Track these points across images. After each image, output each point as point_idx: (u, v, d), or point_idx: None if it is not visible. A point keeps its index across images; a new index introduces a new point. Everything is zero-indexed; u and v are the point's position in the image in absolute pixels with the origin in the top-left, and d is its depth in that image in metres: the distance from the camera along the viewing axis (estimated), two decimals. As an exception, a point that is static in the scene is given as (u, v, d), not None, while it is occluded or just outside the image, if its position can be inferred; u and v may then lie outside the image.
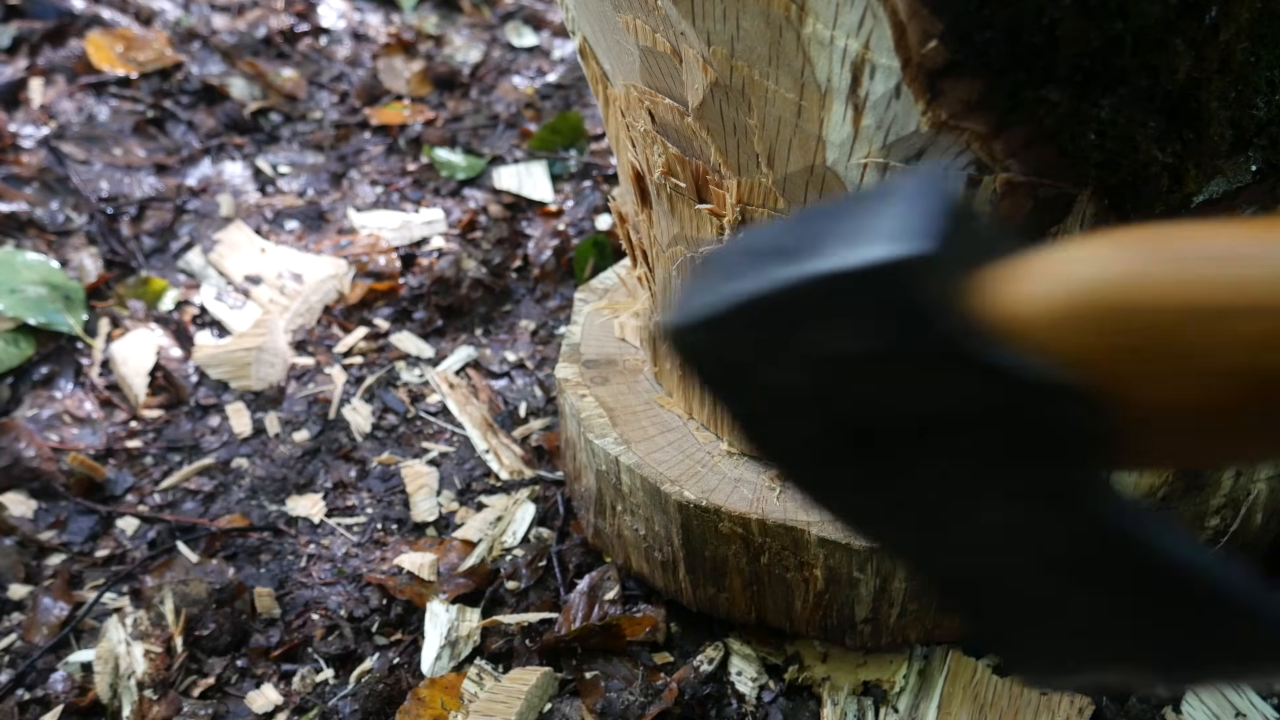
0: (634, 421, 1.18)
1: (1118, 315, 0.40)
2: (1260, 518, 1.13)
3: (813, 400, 0.47)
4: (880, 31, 0.73)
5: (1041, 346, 0.41)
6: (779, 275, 0.45)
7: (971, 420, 0.44)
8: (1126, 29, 0.72)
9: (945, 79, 0.74)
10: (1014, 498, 0.47)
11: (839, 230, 0.44)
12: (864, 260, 0.42)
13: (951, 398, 0.43)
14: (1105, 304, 0.40)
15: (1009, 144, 0.78)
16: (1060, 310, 0.41)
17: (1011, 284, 0.42)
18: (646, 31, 0.89)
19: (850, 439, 0.48)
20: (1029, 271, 0.42)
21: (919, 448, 0.47)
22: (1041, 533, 0.47)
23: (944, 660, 1.17)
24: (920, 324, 0.42)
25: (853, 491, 0.51)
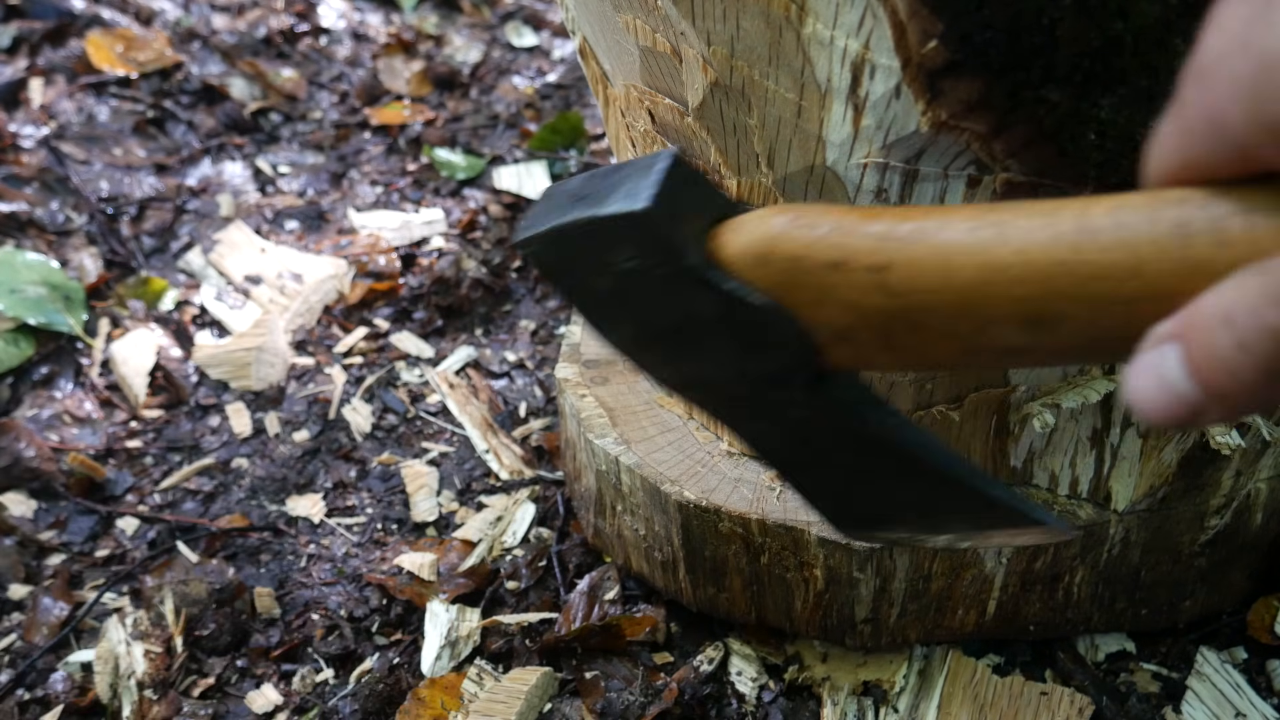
0: (634, 421, 1.18)
1: (777, 264, 0.60)
2: (1260, 518, 1.13)
3: (617, 299, 0.68)
4: (880, 31, 0.73)
5: (741, 276, 0.62)
6: (572, 214, 0.65)
7: (711, 320, 0.64)
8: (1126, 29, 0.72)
9: (945, 79, 0.74)
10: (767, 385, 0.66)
11: (614, 186, 0.64)
12: (617, 210, 0.63)
13: (694, 304, 0.64)
14: (769, 256, 0.60)
15: (1009, 144, 0.78)
16: (749, 253, 0.61)
17: (726, 233, 0.63)
18: (646, 31, 0.89)
19: (646, 330, 0.68)
20: (737, 224, 0.63)
21: (692, 336, 0.66)
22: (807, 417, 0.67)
23: (944, 660, 1.17)
24: (662, 253, 0.62)
25: (661, 365, 0.72)
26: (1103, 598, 1.13)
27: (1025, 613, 1.13)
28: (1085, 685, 1.14)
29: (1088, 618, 1.15)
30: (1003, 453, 1.06)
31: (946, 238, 0.54)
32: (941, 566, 1.07)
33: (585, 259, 0.66)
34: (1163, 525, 1.09)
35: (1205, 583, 1.16)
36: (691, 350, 0.68)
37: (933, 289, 0.54)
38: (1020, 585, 1.10)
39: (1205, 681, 1.15)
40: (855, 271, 0.57)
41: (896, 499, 0.72)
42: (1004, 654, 1.19)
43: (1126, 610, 1.16)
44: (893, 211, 0.58)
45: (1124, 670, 1.18)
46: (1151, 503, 1.07)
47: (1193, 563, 1.13)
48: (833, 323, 0.60)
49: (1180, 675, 1.17)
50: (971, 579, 1.09)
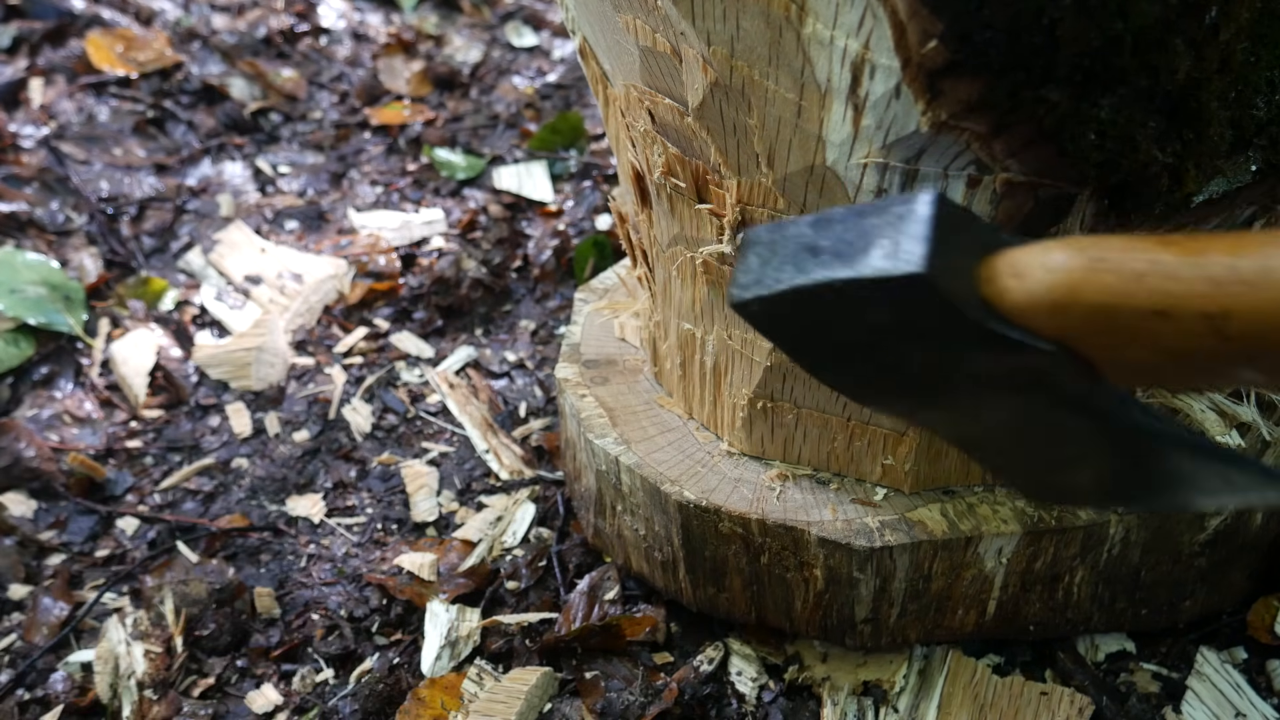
0: (634, 421, 1.18)
1: (1080, 312, 0.56)
2: (1260, 518, 1.13)
3: (862, 352, 0.64)
4: (880, 31, 0.73)
5: (1028, 324, 0.58)
6: (818, 273, 0.59)
7: (983, 367, 0.61)
8: (1126, 29, 0.72)
9: (945, 79, 0.74)
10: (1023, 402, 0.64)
11: (865, 238, 0.59)
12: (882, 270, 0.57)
13: (966, 357, 0.61)
14: (1069, 306, 0.56)
15: (1009, 144, 0.78)
16: (1042, 302, 0.57)
17: (1003, 281, 0.58)
18: (646, 31, 0.89)
19: (890, 374, 0.65)
20: (1016, 265, 0.58)
21: (958, 389, 0.64)
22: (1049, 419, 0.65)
23: (944, 660, 1.17)
24: (935, 313, 0.58)
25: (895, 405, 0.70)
26: (1103, 598, 1.13)
27: (1025, 613, 1.13)
28: (1085, 685, 1.14)
29: (1088, 618, 1.15)
30: (1003, 453, 1.06)
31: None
32: (941, 566, 1.07)
33: (829, 319, 0.62)
34: (1163, 525, 1.09)
35: (1205, 583, 1.16)
36: (954, 398, 0.65)
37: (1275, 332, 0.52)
38: (1020, 585, 1.10)
39: (1205, 681, 1.15)
40: (1185, 320, 0.53)
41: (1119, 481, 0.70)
42: (1004, 654, 1.19)
43: (1126, 610, 1.16)
44: (1217, 243, 0.54)
45: (1124, 670, 1.18)
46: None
47: (1193, 563, 1.13)
48: (1134, 361, 0.57)
49: (1180, 675, 1.17)
50: (971, 579, 1.09)
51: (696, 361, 1.13)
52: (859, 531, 1.04)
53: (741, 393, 1.09)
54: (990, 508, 1.06)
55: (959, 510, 1.06)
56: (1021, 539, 1.05)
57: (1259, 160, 0.83)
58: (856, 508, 1.07)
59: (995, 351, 0.59)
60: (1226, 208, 0.86)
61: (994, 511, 1.06)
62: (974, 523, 1.05)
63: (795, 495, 1.08)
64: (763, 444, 1.12)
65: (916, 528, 1.04)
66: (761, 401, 1.08)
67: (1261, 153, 0.83)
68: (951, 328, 0.59)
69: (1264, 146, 0.82)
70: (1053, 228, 0.85)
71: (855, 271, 0.58)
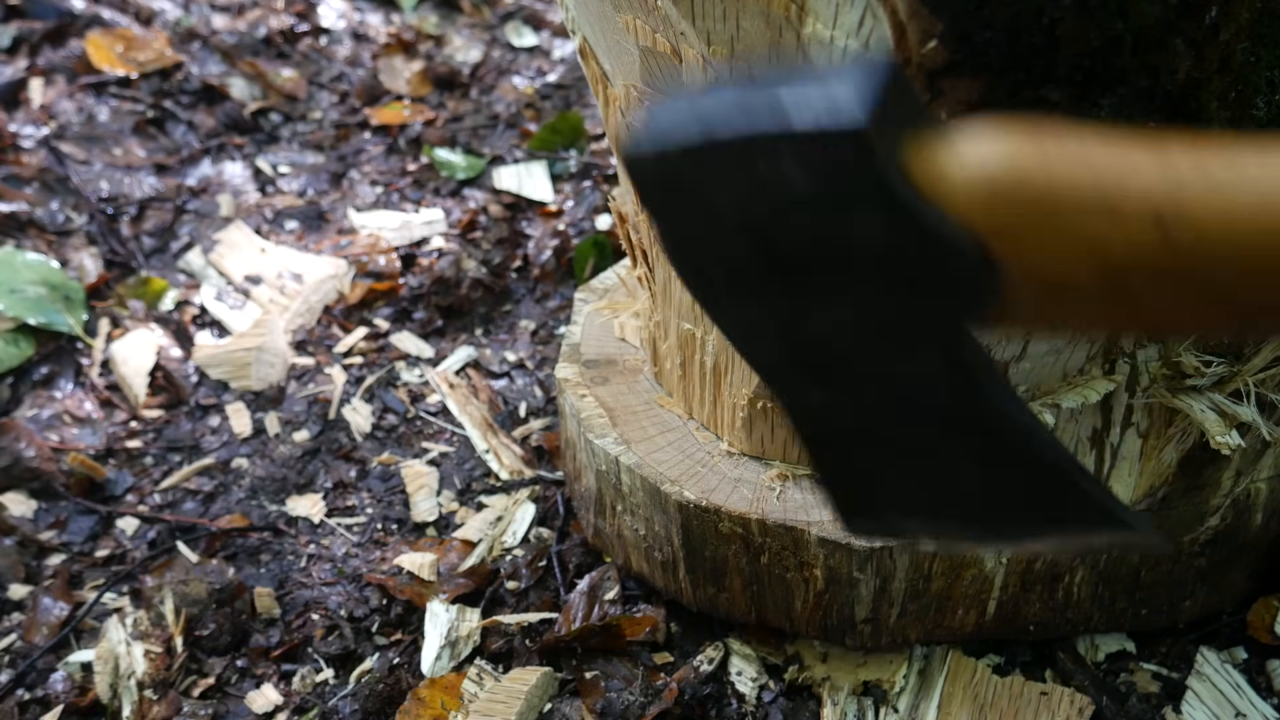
0: (634, 421, 1.18)
1: (1018, 198, 0.49)
2: (1260, 518, 1.13)
3: (741, 225, 0.55)
4: (880, 31, 0.73)
5: (955, 209, 0.50)
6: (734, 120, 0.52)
7: (883, 255, 0.53)
8: (1126, 29, 0.72)
9: (945, 79, 0.74)
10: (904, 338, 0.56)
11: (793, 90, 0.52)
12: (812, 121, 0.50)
13: (863, 235, 0.52)
14: (1011, 188, 0.49)
15: (1009, 144, 0.78)
16: (977, 186, 0.49)
17: (937, 154, 0.51)
18: (646, 31, 0.89)
19: (769, 265, 0.57)
20: (953, 146, 0.51)
21: (830, 277, 0.55)
22: (921, 381, 0.57)
23: (944, 660, 1.17)
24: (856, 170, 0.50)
25: (758, 317, 0.60)
26: (1103, 598, 1.13)
27: (1025, 613, 1.13)
28: (1085, 685, 1.14)
29: (1088, 618, 1.15)
30: (1003, 453, 1.06)
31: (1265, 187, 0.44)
32: (941, 566, 1.07)
33: (727, 174, 0.54)
34: (1163, 525, 1.09)
35: (1205, 583, 1.16)
36: (816, 288, 0.56)
37: (1244, 246, 0.45)
38: (1020, 585, 1.10)
39: (1205, 681, 1.15)
40: (1132, 216, 0.46)
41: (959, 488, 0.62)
42: (1004, 654, 1.19)
43: (1126, 610, 1.16)
44: (1182, 140, 0.47)
45: (1124, 670, 1.18)
46: (1151, 503, 1.07)
47: (1193, 563, 1.13)
48: (1056, 271, 0.49)
49: (1180, 675, 1.17)
50: (971, 579, 1.09)
51: (696, 361, 1.13)
52: (859, 531, 1.04)
53: (741, 393, 1.09)
54: (990, 508, 1.06)
55: (959, 510, 1.06)
56: (1021, 539, 1.05)
57: (1259, 160, 0.83)
58: (856, 508, 1.07)
59: (898, 236, 0.52)
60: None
61: (994, 511, 1.06)
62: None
63: (795, 495, 1.08)
64: (763, 444, 1.12)
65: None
66: (761, 401, 1.08)
67: (1261, 153, 0.82)
68: (868, 201, 0.51)
69: (1264, 146, 0.82)
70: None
71: (781, 119, 0.51)
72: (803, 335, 0.60)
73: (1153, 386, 0.97)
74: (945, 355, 0.56)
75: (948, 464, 0.61)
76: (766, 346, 0.63)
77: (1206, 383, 0.96)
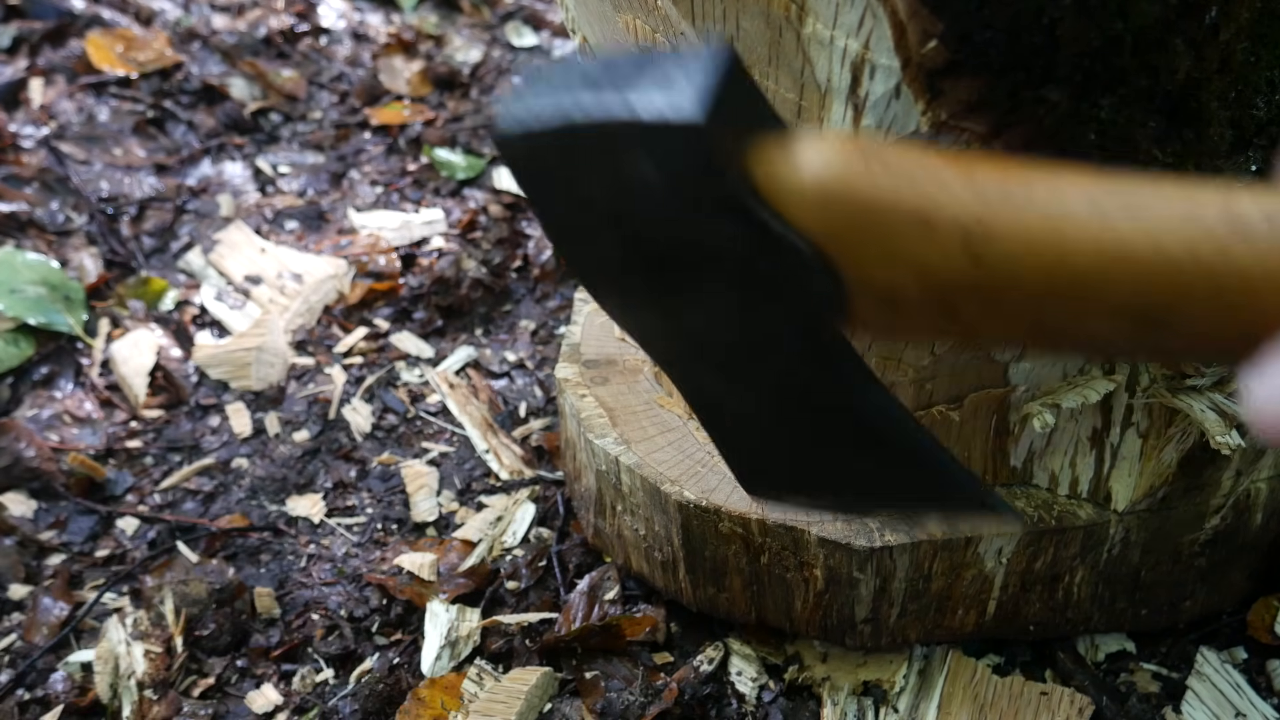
0: (634, 421, 1.18)
1: (846, 208, 0.51)
2: (1260, 518, 1.13)
3: (608, 216, 0.57)
4: (880, 31, 0.73)
5: (792, 214, 0.52)
6: (588, 107, 0.53)
7: (729, 256, 0.54)
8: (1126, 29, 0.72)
9: (945, 79, 0.74)
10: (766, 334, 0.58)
11: (646, 79, 0.52)
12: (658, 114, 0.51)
13: (712, 235, 0.54)
14: (840, 197, 0.51)
15: (1009, 144, 0.78)
16: (808, 190, 0.51)
17: (776, 158, 0.52)
18: (646, 31, 0.89)
19: (637, 257, 0.58)
20: (790, 151, 0.52)
21: (690, 272, 0.57)
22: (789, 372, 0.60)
23: (944, 660, 1.17)
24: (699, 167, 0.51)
25: (635, 304, 0.62)
26: (1103, 598, 1.13)
27: (1025, 613, 1.13)
28: (1085, 685, 1.14)
29: (1088, 618, 1.15)
30: (1003, 452, 1.06)
31: (1064, 210, 0.47)
32: (941, 566, 1.07)
33: (589, 163, 0.55)
34: (1163, 525, 1.09)
35: (1205, 583, 1.16)
36: (683, 284, 0.58)
37: (1036, 267, 0.47)
38: (1020, 585, 1.10)
39: (1205, 681, 1.15)
40: (943, 232, 0.49)
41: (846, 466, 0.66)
42: (1004, 654, 1.19)
43: (1126, 610, 1.16)
44: (989, 163, 0.50)
45: (1124, 670, 1.18)
46: (1151, 503, 1.07)
47: (1193, 563, 1.13)
48: (887, 283, 0.52)
49: (1180, 675, 1.17)
50: (971, 579, 1.09)
51: (696, 361, 1.13)
52: (859, 531, 1.04)
53: (741, 393, 1.09)
54: (990, 508, 1.06)
55: (959, 510, 1.06)
56: (1021, 539, 1.05)
57: (1259, 160, 0.83)
58: (856, 508, 1.07)
59: (748, 241, 0.53)
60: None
61: (994, 511, 1.06)
62: (974, 522, 1.05)
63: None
64: (763, 444, 1.12)
65: (916, 527, 1.04)
66: (761, 401, 1.08)
67: (1261, 153, 0.83)
68: (712, 201, 0.53)
69: (1264, 146, 0.82)
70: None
71: (628, 110, 0.52)
72: (677, 325, 0.62)
73: (1153, 386, 0.97)
74: (807, 349, 0.58)
75: (825, 446, 0.64)
76: (646, 331, 0.65)
77: (1206, 383, 0.97)
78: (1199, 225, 0.44)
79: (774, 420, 0.65)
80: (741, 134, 0.53)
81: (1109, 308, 0.47)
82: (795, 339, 0.58)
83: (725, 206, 0.53)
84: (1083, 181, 0.48)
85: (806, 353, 0.59)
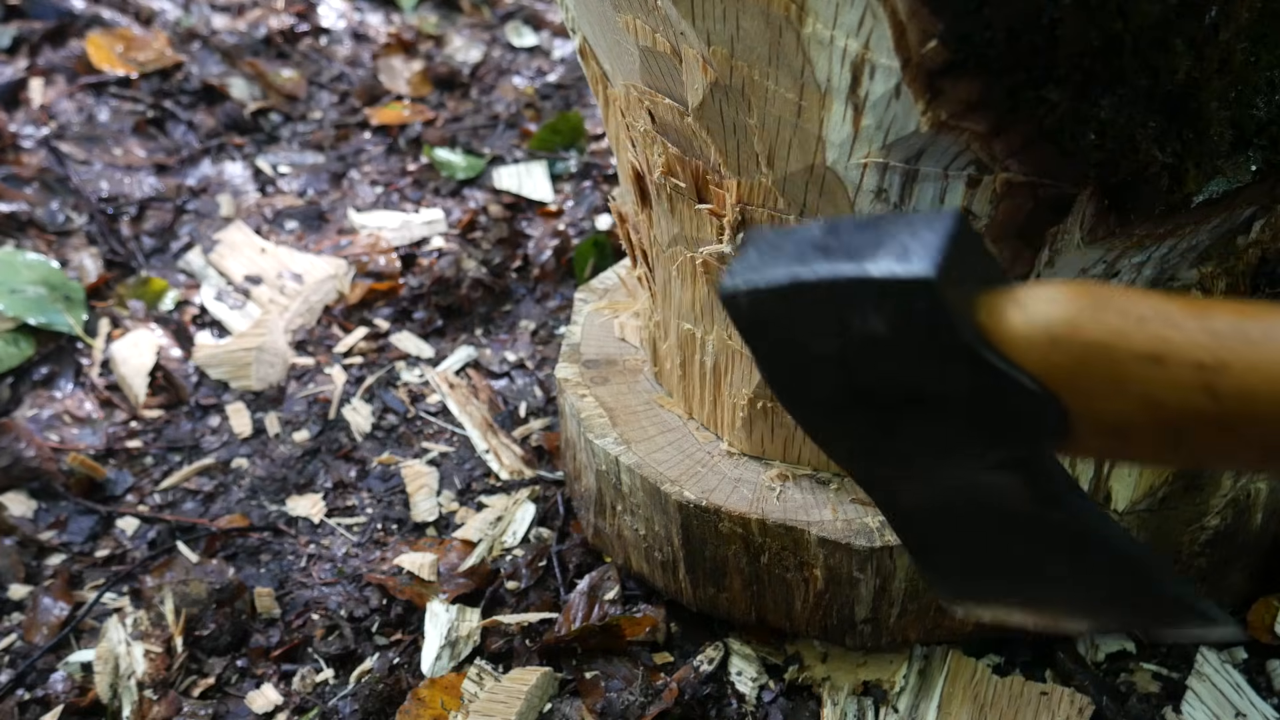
0: (634, 421, 1.18)
1: (1075, 349, 0.54)
2: (1260, 518, 1.13)
3: (834, 360, 0.61)
4: (880, 31, 0.73)
5: (1019, 358, 0.56)
6: (822, 267, 0.58)
7: (957, 396, 0.59)
8: (1126, 29, 0.72)
9: (945, 79, 0.74)
10: (981, 462, 0.62)
11: (876, 241, 0.57)
12: (891, 271, 0.56)
13: (942, 379, 0.58)
14: (1068, 340, 0.55)
15: (1009, 144, 0.78)
16: (1037, 333, 0.56)
17: (1004, 308, 0.57)
18: (646, 31, 0.89)
19: (855, 395, 0.63)
20: (1017, 301, 0.57)
21: (910, 410, 0.61)
22: (994, 492, 0.63)
23: (944, 660, 1.17)
24: (928, 318, 0.56)
25: (849, 438, 0.67)
26: (1103, 598, 1.13)
27: (1025, 613, 1.13)
28: (1085, 685, 1.14)
29: (1088, 618, 1.15)
30: (1003, 453, 1.06)
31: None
32: (941, 566, 1.07)
33: (817, 321, 0.60)
34: (1163, 525, 1.09)
35: (1205, 583, 1.16)
36: (910, 424, 0.62)
37: (1275, 400, 0.50)
38: (1020, 585, 1.10)
39: (1205, 681, 1.15)
40: (1178, 369, 0.52)
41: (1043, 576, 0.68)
42: (1004, 654, 1.19)
43: (1126, 610, 1.16)
44: (1225, 304, 0.54)
45: (1124, 670, 1.18)
46: (1151, 503, 1.07)
47: (1193, 563, 1.13)
48: (1115, 415, 0.55)
49: (1180, 675, 1.17)
50: (971, 579, 1.09)
51: (696, 361, 1.13)
52: (859, 531, 1.04)
53: (741, 393, 1.09)
54: (990, 508, 1.06)
55: (959, 510, 1.06)
56: (1021, 539, 1.05)
57: (1259, 160, 0.83)
58: (856, 507, 1.07)
59: (978, 383, 0.57)
60: (1226, 208, 0.86)
61: (994, 511, 1.06)
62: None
63: (795, 495, 1.09)
64: (763, 444, 1.12)
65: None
66: (761, 401, 1.08)
67: (1261, 153, 0.83)
68: (942, 348, 0.57)
69: (1264, 146, 0.82)
70: (1052, 228, 0.85)
71: (860, 270, 0.56)
72: (888, 450, 0.65)
73: (1153, 386, 0.97)
74: (1020, 474, 0.62)
75: (1031, 555, 0.67)
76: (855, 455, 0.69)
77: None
78: None
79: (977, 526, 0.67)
80: (970, 287, 0.57)
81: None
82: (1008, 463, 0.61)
83: (953, 353, 0.57)
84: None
85: (1018, 475, 0.62)
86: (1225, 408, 0.51)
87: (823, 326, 0.60)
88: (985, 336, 0.56)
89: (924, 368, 0.58)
